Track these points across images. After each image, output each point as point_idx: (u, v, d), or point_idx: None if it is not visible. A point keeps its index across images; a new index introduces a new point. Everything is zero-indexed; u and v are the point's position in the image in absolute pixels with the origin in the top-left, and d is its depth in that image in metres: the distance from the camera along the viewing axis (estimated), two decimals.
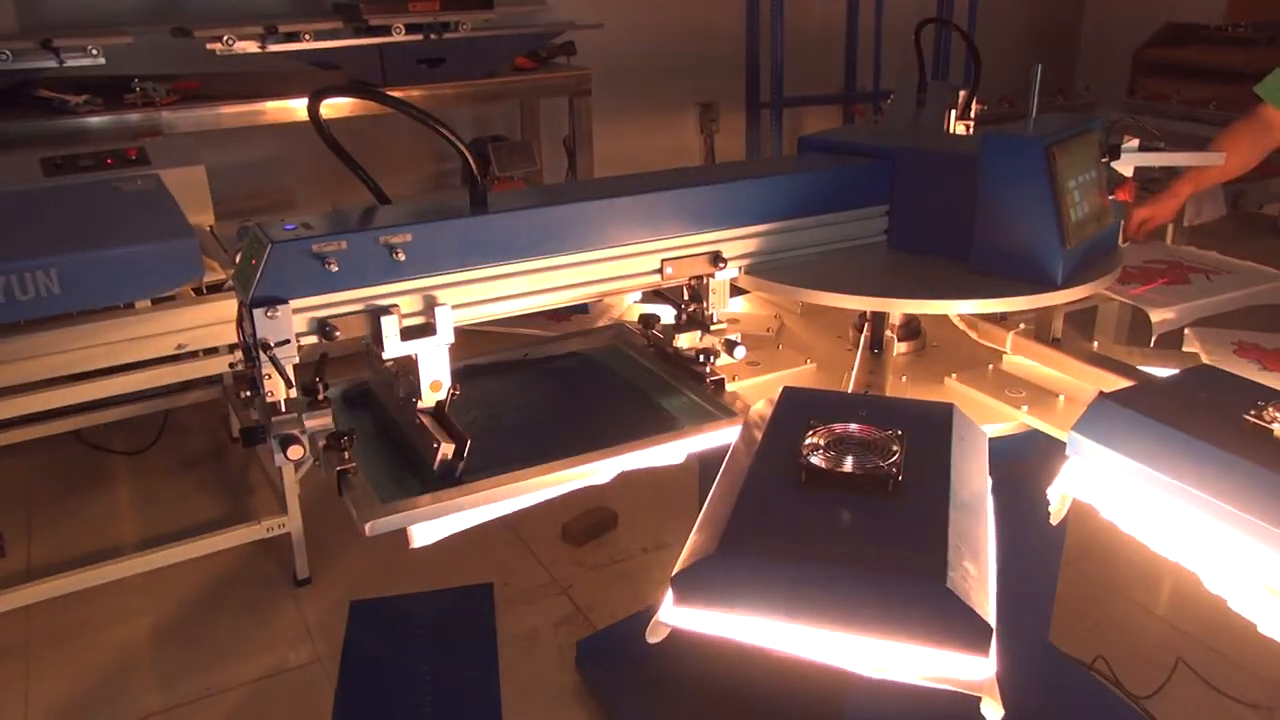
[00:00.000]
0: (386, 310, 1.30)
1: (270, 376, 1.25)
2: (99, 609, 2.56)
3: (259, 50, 3.22)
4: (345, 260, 1.26)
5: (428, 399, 1.36)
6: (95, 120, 3.06)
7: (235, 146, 3.90)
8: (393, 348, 1.31)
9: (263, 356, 1.23)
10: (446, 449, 1.29)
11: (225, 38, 3.14)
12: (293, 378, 1.28)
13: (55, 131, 2.99)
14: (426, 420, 1.35)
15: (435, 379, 1.35)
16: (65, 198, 2.37)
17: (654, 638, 1.05)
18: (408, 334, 1.32)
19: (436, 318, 1.33)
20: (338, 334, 1.29)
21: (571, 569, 2.74)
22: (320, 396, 1.34)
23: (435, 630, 2.50)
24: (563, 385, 1.72)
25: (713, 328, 1.61)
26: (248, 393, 1.32)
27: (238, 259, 1.30)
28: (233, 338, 2.23)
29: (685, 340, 1.62)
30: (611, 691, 2.25)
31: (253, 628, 2.53)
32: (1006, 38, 6.00)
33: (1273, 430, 1.15)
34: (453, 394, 1.37)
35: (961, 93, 2.09)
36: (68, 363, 2.10)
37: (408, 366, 1.36)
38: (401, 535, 1.33)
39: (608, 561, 2.77)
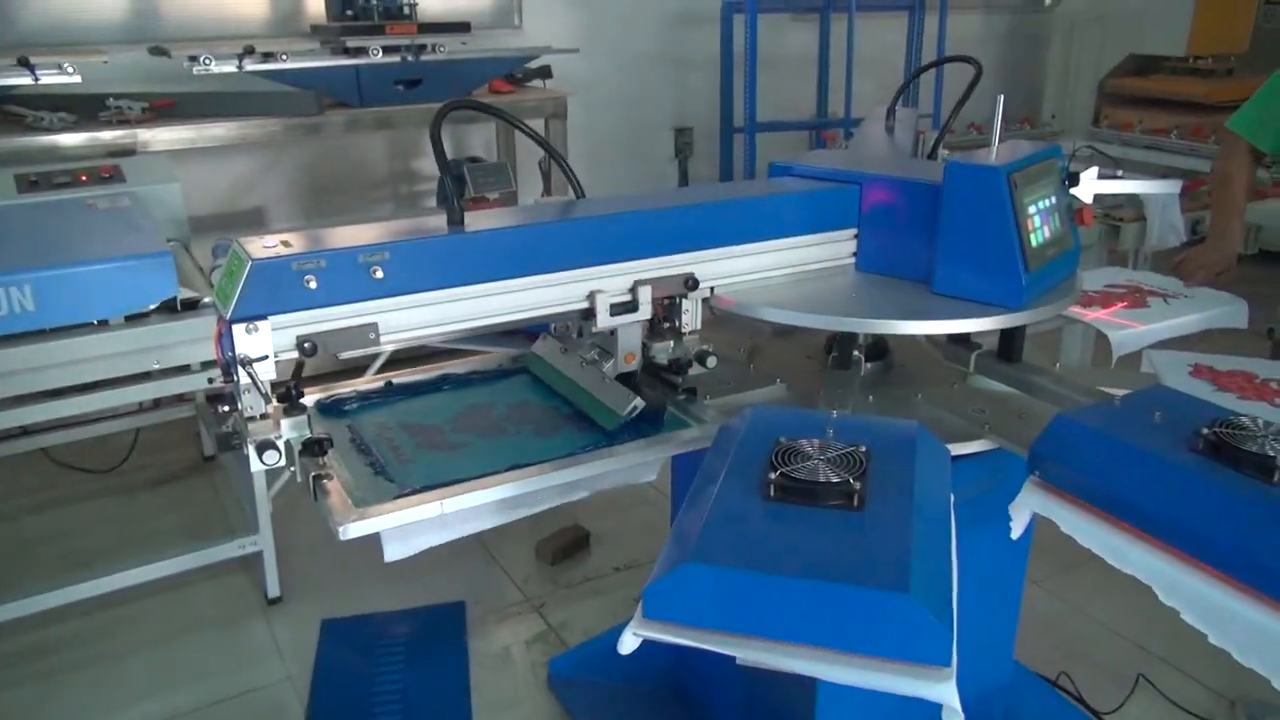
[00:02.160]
0: (600, 289, 1.51)
1: (249, 392, 1.27)
2: (67, 628, 2.53)
3: (236, 70, 3.24)
4: (324, 278, 1.28)
5: (622, 368, 1.59)
6: (70, 138, 3.06)
7: (211, 165, 3.91)
8: (603, 321, 1.52)
9: (241, 372, 1.25)
10: (639, 401, 1.51)
11: (203, 58, 3.15)
12: (270, 393, 1.29)
13: (30, 148, 2.98)
14: (612, 382, 1.59)
15: (630, 351, 1.59)
16: (40, 214, 2.37)
17: (625, 649, 1.08)
18: (615, 310, 1.52)
19: (639, 296, 1.53)
20: (316, 350, 1.31)
21: (544, 587, 2.75)
22: (297, 403, 1.35)
23: (407, 649, 2.50)
24: (536, 395, 1.75)
25: (685, 339, 1.65)
26: (225, 408, 1.33)
27: (216, 276, 1.32)
28: (206, 355, 2.24)
29: (659, 351, 1.65)
30: (584, 710, 2.26)
31: (223, 646, 2.52)
32: None
33: (1221, 448, 1.20)
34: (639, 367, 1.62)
35: (925, 120, 2.14)
36: (40, 380, 2.09)
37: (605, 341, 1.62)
38: (374, 552, 1.34)
39: (580, 580, 2.78)
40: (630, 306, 1.54)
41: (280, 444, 1.29)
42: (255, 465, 1.27)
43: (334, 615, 2.61)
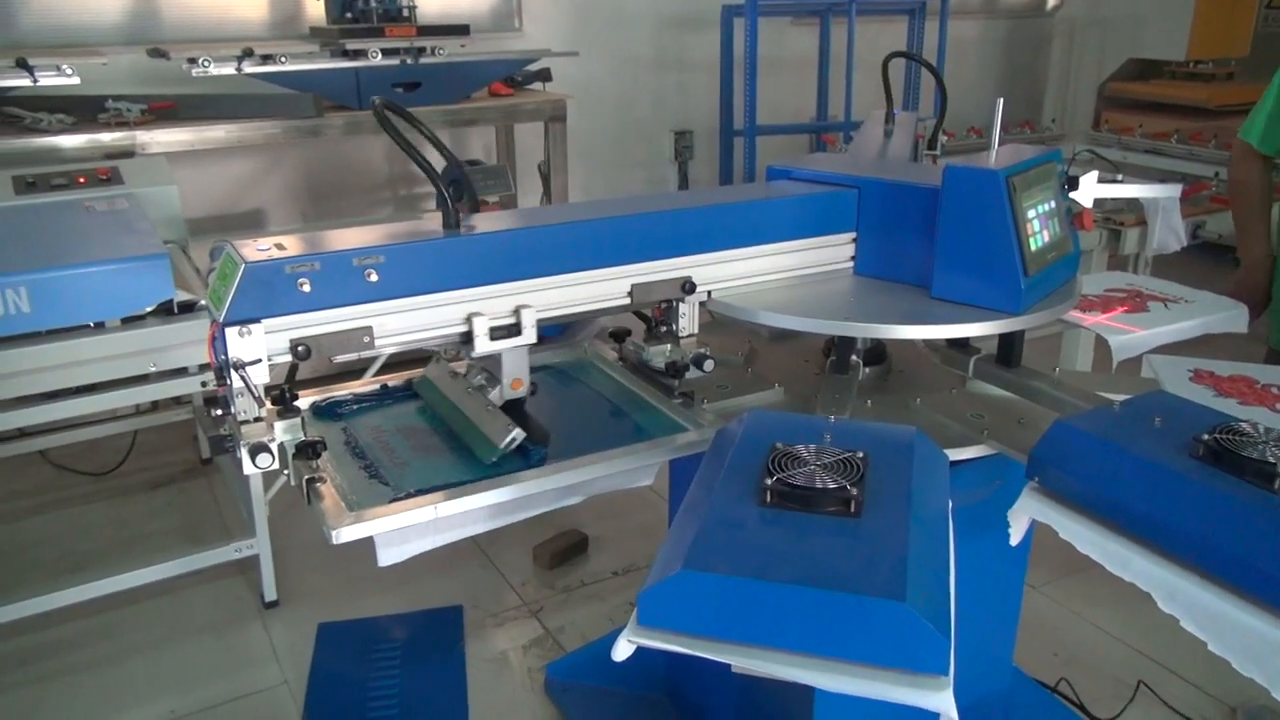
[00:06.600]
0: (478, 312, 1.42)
1: (242, 395, 1.26)
2: (64, 631, 2.52)
3: (235, 73, 3.23)
4: (318, 281, 1.28)
5: (507, 394, 1.51)
6: (68, 139, 3.06)
7: (209, 167, 3.90)
8: (482, 346, 1.43)
9: (235, 376, 1.24)
10: (518, 432, 1.41)
11: (201, 60, 3.15)
12: (264, 397, 1.29)
13: (28, 150, 2.98)
14: (493, 410, 1.48)
15: (516, 377, 1.51)
16: (37, 216, 2.36)
17: (619, 656, 1.07)
18: (497, 334, 1.44)
19: (522, 319, 1.45)
20: (310, 354, 1.30)
21: (542, 592, 2.74)
22: (290, 406, 1.35)
23: (404, 653, 2.49)
24: (533, 398, 1.74)
25: (682, 342, 1.64)
26: (219, 412, 1.33)
27: (211, 278, 1.32)
28: (203, 358, 2.23)
29: (655, 355, 1.64)
30: (580, 716, 2.25)
31: (219, 650, 2.51)
32: (976, 70, 6.12)
33: (1221, 454, 1.19)
34: (531, 392, 1.55)
35: (926, 124, 2.14)
36: (36, 382, 2.08)
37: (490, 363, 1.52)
38: (370, 555, 1.34)
39: (578, 584, 2.77)
40: (513, 330, 1.45)
41: (274, 447, 1.28)
42: (248, 468, 1.26)
43: (331, 619, 2.60)
